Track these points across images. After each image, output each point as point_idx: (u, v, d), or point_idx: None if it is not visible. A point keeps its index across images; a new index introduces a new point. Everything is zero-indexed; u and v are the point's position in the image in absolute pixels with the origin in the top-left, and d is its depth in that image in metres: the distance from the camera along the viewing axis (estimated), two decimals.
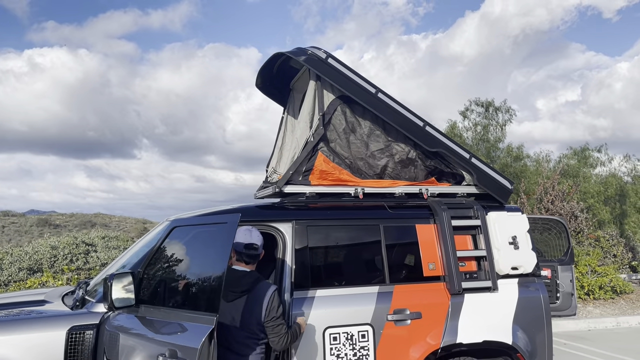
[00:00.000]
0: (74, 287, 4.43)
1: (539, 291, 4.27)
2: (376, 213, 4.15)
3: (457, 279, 3.98)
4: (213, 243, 3.00)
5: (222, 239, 2.89)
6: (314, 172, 4.18)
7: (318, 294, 3.76)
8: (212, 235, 3.09)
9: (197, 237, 3.34)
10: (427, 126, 4.34)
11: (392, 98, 4.25)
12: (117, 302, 3.09)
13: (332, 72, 4.13)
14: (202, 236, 3.30)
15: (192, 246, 3.34)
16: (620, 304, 11.03)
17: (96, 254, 9.93)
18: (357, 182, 4.26)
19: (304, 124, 4.24)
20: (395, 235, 4.12)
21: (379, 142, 4.38)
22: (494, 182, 4.49)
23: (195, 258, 3.24)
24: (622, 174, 18.33)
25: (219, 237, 2.95)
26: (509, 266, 4.17)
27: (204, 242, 3.25)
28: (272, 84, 5.23)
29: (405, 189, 4.38)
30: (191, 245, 3.34)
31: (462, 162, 4.41)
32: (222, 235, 2.91)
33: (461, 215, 4.24)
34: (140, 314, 3.16)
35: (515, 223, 4.31)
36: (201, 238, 3.30)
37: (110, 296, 3.05)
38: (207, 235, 3.22)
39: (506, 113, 20.58)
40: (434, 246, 4.15)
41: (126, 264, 3.79)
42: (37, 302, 3.80)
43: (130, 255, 3.99)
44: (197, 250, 3.29)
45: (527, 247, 4.26)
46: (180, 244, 3.35)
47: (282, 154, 5.14)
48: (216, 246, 2.91)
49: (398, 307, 3.85)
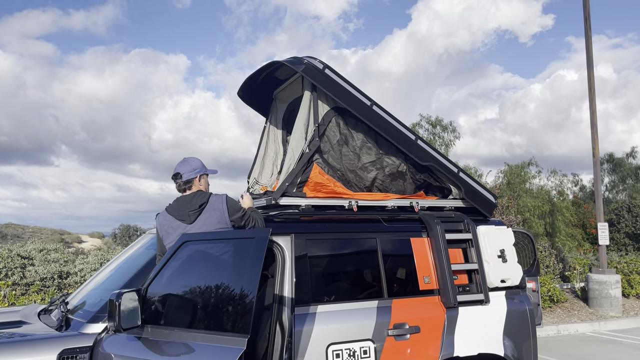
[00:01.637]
0: (47, 305, 4.06)
1: (525, 303, 4.38)
2: (372, 226, 4.11)
3: (452, 293, 4.01)
4: (240, 259, 2.84)
5: (252, 255, 2.74)
6: (308, 184, 4.09)
7: (319, 309, 3.66)
8: (237, 250, 2.93)
9: (215, 253, 3.13)
10: (419, 140, 4.37)
11: (386, 111, 4.25)
12: (125, 322, 2.84)
13: (329, 82, 4.07)
14: (222, 252, 3.09)
15: (210, 262, 3.12)
16: (558, 312, 11.59)
17: (34, 267, 9.24)
18: (350, 194, 4.21)
19: (299, 135, 4.15)
20: (392, 249, 4.09)
21: (371, 155, 4.36)
22: (480, 196, 4.59)
23: (216, 275, 3.03)
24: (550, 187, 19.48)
25: (246, 253, 2.80)
26: (499, 279, 4.25)
27: (226, 258, 3.05)
28: (254, 92, 5.10)
29: (396, 202, 4.38)
30: (208, 261, 3.13)
31: (450, 176, 4.47)
32: (251, 251, 2.76)
33: (453, 229, 4.29)
34: (146, 335, 2.93)
35: (502, 236, 4.42)
36: (221, 254, 3.09)
37: (119, 316, 2.79)
38: (229, 251, 3.04)
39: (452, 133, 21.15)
40: (428, 259, 4.16)
41: (116, 281, 3.52)
42: (14, 322, 3.44)
43: (117, 271, 3.72)
44: (219, 267, 3.08)
45: (513, 260, 4.38)
46: (193, 260, 3.13)
47: (265, 164, 5.02)
48: (245, 263, 2.75)
49: (398, 322, 3.81)
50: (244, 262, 2.86)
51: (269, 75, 4.87)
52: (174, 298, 3.07)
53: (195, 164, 3.68)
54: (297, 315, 3.56)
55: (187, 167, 3.65)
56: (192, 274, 3.08)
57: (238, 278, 2.84)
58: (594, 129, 12.48)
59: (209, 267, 3.09)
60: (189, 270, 3.11)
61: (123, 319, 2.82)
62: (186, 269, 3.12)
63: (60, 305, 3.63)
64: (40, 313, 3.78)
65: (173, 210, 3.54)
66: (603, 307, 11.71)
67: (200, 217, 3.43)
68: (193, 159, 3.72)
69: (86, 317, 3.24)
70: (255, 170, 4.97)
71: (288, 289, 3.64)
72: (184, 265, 3.12)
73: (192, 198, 3.53)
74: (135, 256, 4.03)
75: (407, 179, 4.49)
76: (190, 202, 3.50)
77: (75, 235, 49.09)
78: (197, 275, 3.11)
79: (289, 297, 3.63)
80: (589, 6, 12.73)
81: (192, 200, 3.51)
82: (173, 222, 3.47)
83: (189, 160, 3.70)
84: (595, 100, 12.56)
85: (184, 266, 3.12)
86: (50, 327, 3.30)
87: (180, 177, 3.62)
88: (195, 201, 3.49)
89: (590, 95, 12.54)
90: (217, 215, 3.45)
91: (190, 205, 3.49)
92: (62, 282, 9.11)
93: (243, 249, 2.93)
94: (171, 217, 3.51)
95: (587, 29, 12.69)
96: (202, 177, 3.70)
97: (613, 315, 11.52)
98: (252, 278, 2.67)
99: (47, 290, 8.77)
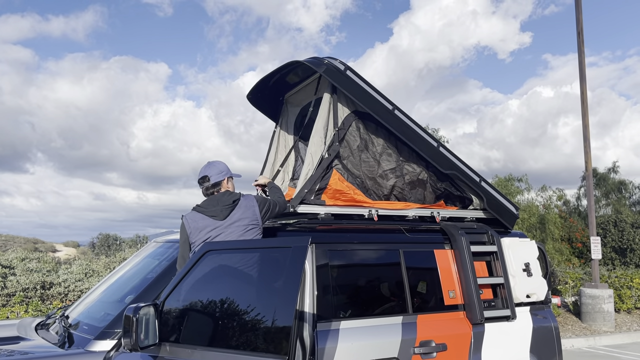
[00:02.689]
0: (44, 319, 3.73)
1: (550, 320, 4.19)
2: (395, 237, 3.88)
3: (479, 308, 3.79)
4: (274, 271, 2.58)
5: (289, 267, 2.48)
6: (327, 191, 3.85)
7: (343, 325, 3.40)
8: (270, 261, 2.66)
9: (243, 263, 2.84)
10: (441, 147, 4.18)
11: (408, 116, 4.05)
12: (141, 340, 2.54)
13: (350, 84, 3.86)
14: (251, 262, 2.81)
15: (238, 274, 2.84)
16: None
17: (15, 277, 8.80)
18: (371, 203, 3.99)
19: (318, 139, 3.91)
20: (415, 261, 3.86)
21: (391, 162, 4.15)
22: (502, 207, 4.40)
23: (245, 288, 2.75)
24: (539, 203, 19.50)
25: (282, 263, 2.54)
26: (524, 294, 4.05)
27: (257, 269, 2.77)
28: (264, 95, 4.86)
29: (417, 212, 4.16)
30: (235, 272, 2.84)
31: (472, 186, 4.28)
32: (288, 262, 2.51)
33: (477, 241, 4.09)
34: (164, 354, 2.64)
35: (526, 249, 4.22)
36: (251, 264, 2.81)
37: (136, 333, 2.50)
38: (260, 261, 2.76)
39: None
40: (452, 273, 3.94)
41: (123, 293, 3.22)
42: (11, 338, 3.11)
43: (122, 282, 3.42)
44: (248, 279, 2.79)
45: (538, 275, 4.18)
46: (218, 270, 2.84)
47: (275, 170, 4.77)
48: (281, 275, 2.49)
49: (424, 339, 3.58)
50: (279, 274, 2.59)
51: (280, 78, 4.64)
52: (196, 313, 2.78)
53: (222, 166, 3.58)
54: (319, 331, 3.30)
55: (215, 170, 3.54)
56: (216, 286, 2.79)
57: (273, 292, 2.57)
58: (587, 143, 12.47)
59: (236, 278, 2.81)
60: (213, 282, 2.82)
61: (140, 337, 2.53)
62: (210, 280, 2.83)
63: (61, 320, 3.31)
64: (37, 327, 3.46)
65: (203, 209, 3.36)
66: (596, 321, 11.63)
67: (233, 213, 3.32)
68: (219, 162, 3.61)
69: (93, 333, 2.93)
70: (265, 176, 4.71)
71: (309, 303, 3.38)
72: (207, 277, 2.84)
73: (223, 195, 3.42)
74: (141, 267, 3.73)
75: (428, 188, 4.28)
76: (222, 199, 3.39)
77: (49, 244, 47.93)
78: (222, 288, 2.82)
79: (311, 312, 3.37)
80: (582, 21, 12.79)
81: (222, 197, 3.41)
82: (204, 219, 3.28)
83: (215, 164, 3.59)
84: (588, 114, 12.58)
85: (207, 277, 2.83)
86: (52, 344, 2.99)
87: (208, 179, 3.48)
88: (227, 198, 3.40)
89: (583, 109, 12.55)
90: (250, 212, 3.36)
91: (221, 201, 3.36)
92: (45, 292, 8.67)
93: (277, 259, 2.67)
94: (200, 215, 3.31)
95: (580, 43, 12.73)
96: (229, 180, 3.58)
97: (606, 330, 11.44)
98: (291, 292, 2.41)
99: (30, 302, 8.33)
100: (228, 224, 3.26)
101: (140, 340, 2.54)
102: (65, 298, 8.65)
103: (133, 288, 3.40)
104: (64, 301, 8.61)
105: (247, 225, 3.30)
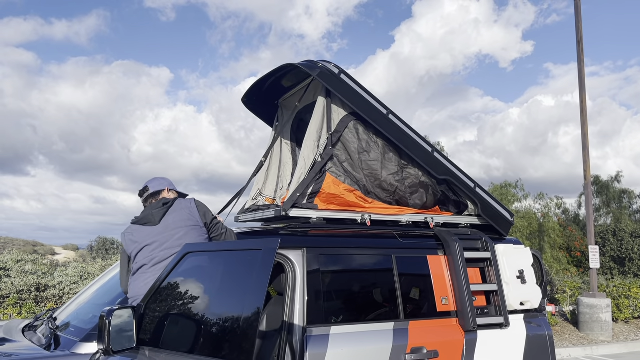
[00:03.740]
0: (32, 321, 3.69)
1: (544, 328, 4.14)
2: (388, 242, 3.84)
3: (472, 315, 3.75)
4: (245, 274, 2.53)
5: (257, 269, 2.43)
6: (320, 195, 3.82)
7: (333, 331, 3.37)
8: (242, 263, 2.61)
9: (219, 266, 2.80)
10: (435, 152, 4.15)
11: (402, 121, 4.02)
12: (116, 343, 2.49)
13: (344, 88, 3.84)
14: (225, 265, 2.77)
15: (213, 277, 2.79)
16: None
17: (10, 279, 8.75)
18: (364, 207, 3.96)
19: (311, 142, 3.89)
20: (408, 267, 3.83)
21: (392, 163, 4.11)
22: (496, 213, 4.37)
23: (217, 292, 2.70)
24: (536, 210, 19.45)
25: (252, 266, 2.49)
26: (518, 301, 4.02)
27: (230, 273, 2.72)
28: (259, 99, 4.84)
29: (411, 218, 4.13)
30: (211, 275, 2.80)
31: (467, 192, 4.25)
32: (256, 264, 2.46)
33: (470, 247, 4.05)
34: (142, 358, 2.59)
35: (521, 257, 4.19)
36: (225, 267, 2.76)
37: (108, 336, 2.44)
38: (234, 264, 2.71)
39: None
40: (444, 279, 3.90)
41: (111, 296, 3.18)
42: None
43: (112, 285, 3.39)
44: (221, 282, 2.75)
45: (532, 282, 4.14)
46: (197, 273, 2.80)
47: (269, 175, 4.74)
48: (249, 278, 2.45)
49: (415, 346, 3.54)
50: (248, 277, 2.54)
51: (276, 81, 4.62)
52: (174, 317, 2.73)
53: (165, 180, 3.58)
54: (310, 337, 3.26)
55: (156, 182, 3.54)
56: (194, 289, 2.75)
57: (241, 296, 2.52)
58: (586, 152, 12.44)
59: (212, 282, 2.76)
60: (191, 285, 2.78)
61: (114, 340, 2.47)
62: (189, 283, 2.80)
63: (48, 322, 3.27)
64: (24, 329, 3.42)
65: (137, 219, 3.31)
66: (594, 331, 11.56)
67: (167, 216, 3.22)
68: (163, 178, 3.62)
69: (79, 335, 2.89)
70: (259, 181, 4.68)
71: (299, 308, 3.35)
72: (186, 280, 2.80)
73: (158, 202, 3.38)
74: None
75: (429, 192, 4.23)
76: (155, 205, 3.34)
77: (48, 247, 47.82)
78: (199, 291, 2.78)
79: (301, 316, 3.33)
80: (582, 30, 12.80)
81: (157, 203, 3.36)
82: (139, 229, 3.22)
83: (158, 178, 3.60)
84: (587, 123, 12.56)
85: (187, 280, 2.80)
86: (38, 346, 2.95)
87: (147, 189, 3.48)
88: (160, 202, 3.35)
89: (583, 117, 12.53)
90: (185, 213, 3.24)
91: (154, 206, 3.32)
92: (40, 295, 8.63)
93: (248, 261, 2.62)
94: (136, 227, 3.26)
95: (579, 52, 12.73)
96: (170, 191, 3.54)
97: (604, 340, 11.37)
98: (257, 296, 2.35)
99: (24, 304, 8.28)
100: (163, 226, 3.17)
101: (115, 344, 2.49)
102: (60, 301, 8.60)
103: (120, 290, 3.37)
104: (58, 304, 8.56)
105: (185, 227, 3.18)
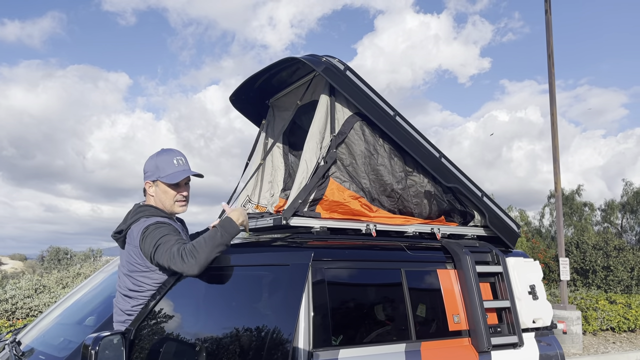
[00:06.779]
0: None
1: (555, 347, 3.89)
2: (396, 255, 3.51)
3: (486, 335, 3.45)
4: (269, 293, 2.16)
5: (286, 288, 2.07)
6: (323, 202, 3.47)
7: (342, 354, 3.00)
8: (264, 281, 2.24)
9: (231, 284, 2.40)
10: (443, 158, 3.87)
11: (410, 124, 3.73)
12: None
13: (350, 86, 3.51)
14: (240, 283, 2.37)
15: (227, 296, 2.39)
16: None
17: None
18: (369, 216, 3.63)
19: (313, 144, 3.54)
20: (418, 282, 3.51)
21: (399, 166, 3.81)
22: (504, 225, 4.11)
23: (235, 313, 2.31)
24: None
25: (276, 285, 2.12)
26: (531, 319, 3.75)
27: (249, 292, 2.33)
28: (248, 98, 4.46)
29: (418, 228, 3.82)
30: (223, 294, 2.40)
31: (475, 201, 3.97)
32: (283, 282, 2.10)
33: (480, 261, 3.77)
34: None
35: (531, 270, 3.93)
36: (240, 285, 2.36)
37: None
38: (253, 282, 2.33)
39: None
40: (455, 295, 3.60)
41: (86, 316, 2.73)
42: None
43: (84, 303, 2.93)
44: (238, 303, 2.36)
45: (543, 298, 3.89)
46: (202, 292, 2.39)
47: (259, 180, 4.36)
48: (276, 298, 2.08)
49: None
50: (274, 297, 2.18)
51: (269, 79, 4.26)
52: (175, 343, 2.32)
53: (150, 164, 2.67)
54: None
55: (146, 166, 2.69)
56: (201, 310, 2.35)
57: (269, 317, 2.16)
58: (556, 164, 12.50)
59: (224, 301, 2.37)
60: (196, 305, 2.38)
61: None
62: (192, 303, 2.39)
63: (12, 347, 2.77)
64: None
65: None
66: (564, 343, 11.53)
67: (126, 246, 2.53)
68: (157, 155, 2.70)
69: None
70: (248, 187, 4.28)
71: (304, 328, 2.96)
72: (189, 299, 2.40)
73: (128, 214, 2.63)
74: (107, 285, 3.24)
75: (436, 200, 3.94)
76: (124, 219, 2.62)
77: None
78: (205, 311, 2.39)
79: (306, 337, 2.95)
80: (552, 44, 12.92)
81: (134, 209, 2.62)
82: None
83: (152, 156, 2.72)
84: (558, 135, 12.65)
85: (190, 300, 2.40)
86: None
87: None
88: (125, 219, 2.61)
89: (553, 130, 12.61)
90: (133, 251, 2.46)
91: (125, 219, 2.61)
92: None
93: (272, 279, 2.25)
94: None
95: (550, 66, 12.83)
96: (154, 184, 2.63)
97: (575, 352, 11.36)
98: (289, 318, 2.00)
99: None
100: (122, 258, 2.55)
101: None
102: (13, 316, 7.90)
103: (95, 309, 2.92)
104: (10, 319, 7.86)
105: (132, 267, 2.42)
